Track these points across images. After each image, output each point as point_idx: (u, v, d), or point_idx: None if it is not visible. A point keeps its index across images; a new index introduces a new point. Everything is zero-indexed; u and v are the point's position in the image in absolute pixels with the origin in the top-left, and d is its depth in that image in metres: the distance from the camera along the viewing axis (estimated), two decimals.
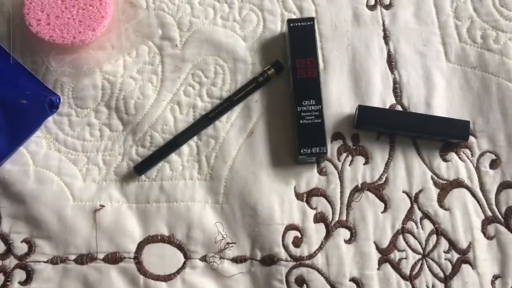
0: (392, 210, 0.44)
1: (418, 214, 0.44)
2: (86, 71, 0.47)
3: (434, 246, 0.44)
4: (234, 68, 0.48)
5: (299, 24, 0.46)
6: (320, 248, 0.44)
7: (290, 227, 0.44)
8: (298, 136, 0.44)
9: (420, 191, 0.45)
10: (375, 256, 0.44)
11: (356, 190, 0.45)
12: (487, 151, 0.45)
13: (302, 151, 0.43)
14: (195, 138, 0.46)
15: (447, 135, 0.44)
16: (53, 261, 0.44)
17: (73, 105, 0.47)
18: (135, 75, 0.48)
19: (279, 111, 0.46)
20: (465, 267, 0.43)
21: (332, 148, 0.46)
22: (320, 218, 0.44)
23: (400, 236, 0.44)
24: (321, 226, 0.44)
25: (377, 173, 0.45)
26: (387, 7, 0.49)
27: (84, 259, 0.44)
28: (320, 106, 0.44)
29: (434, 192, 0.45)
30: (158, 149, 0.46)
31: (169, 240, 0.44)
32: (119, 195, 0.45)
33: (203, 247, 0.44)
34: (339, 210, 0.45)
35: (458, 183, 0.45)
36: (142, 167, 0.45)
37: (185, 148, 0.46)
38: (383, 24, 0.48)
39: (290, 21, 0.46)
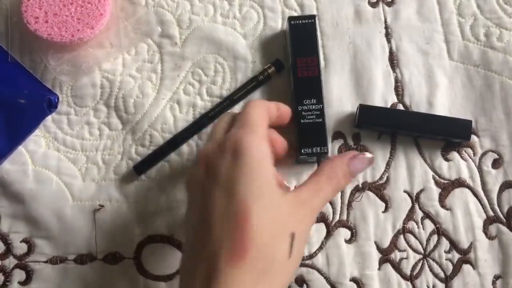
0: (393, 210, 0.44)
1: (419, 214, 0.44)
2: (85, 69, 0.47)
3: (435, 246, 0.44)
4: (234, 67, 0.47)
5: (300, 21, 0.45)
6: (321, 248, 0.44)
7: None
8: (299, 135, 0.43)
9: (422, 190, 0.44)
10: (375, 256, 0.44)
11: (357, 189, 0.45)
12: (489, 150, 0.45)
13: (302, 151, 0.43)
14: (195, 137, 0.46)
15: (449, 134, 0.44)
16: (53, 261, 0.44)
17: (72, 103, 0.47)
18: (134, 74, 0.47)
19: None
20: (466, 267, 0.43)
21: (332, 147, 0.45)
22: (320, 218, 0.44)
23: (401, 236, 0.44)
24: (322, 226, 0.44)
25: (378, 172, 0.45)
26: (389, 4, 0.48)
27: (84, 259, 0.44)
28: (321, 105, 0.44)
29: (435, 191, 0.44)
30: (157, 149, 0.45)
31: (169, 240, 0.44)
32: (118, 194, 0.45)
33: None
34: (340, 210, 0.44)
35: (459, 183, 0.45)
36: (141, 166, 0.45)
37: (185, 148, 0.46)
38: (385, 22, 0.48)
39: (291, 18, 0.45)
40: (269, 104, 0.39)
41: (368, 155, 0.39)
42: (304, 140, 0.43)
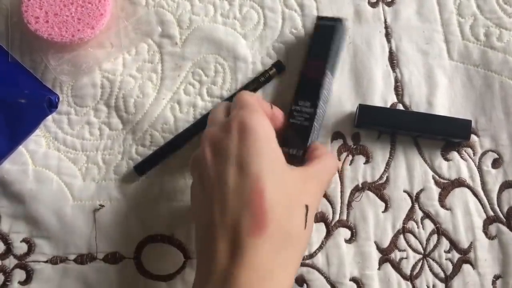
0: (392, 209, 0.44)
1: (419, 214, 0.44)
2: (85, 69, 0.47)
3: (435, 246, 0.44)
4: (235, 67, 0.47)
5: (325, 23, 0.44)
6: (320, 247, 0.44)
7: None
8: (283, 133, 0.42)
9: (421, 190, 0.45)
10: (375, 256, 0.44)
11: (357, 189, 0.45)
12: (489, 150, 0.45)
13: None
14: (195, 137, 0.46)
15: (448, 134, 0.44)
16: (53, 261, 0.44)
17: (72, 103, 0.47)
18: (135, 74, 0.47)
19: None
20: (466, 267, 0.43)
21: (332, 147, 0.45)
22: (320, 217, 0.44)
23: (401, 236, 0.44)
24: (321, 225, 0.44)
25: (378, 172, 0.45)
26: (389, 4, 0.48)
27: (84, 259, 0.44)
28: (313, 109, 0.42)
29: (435, 191, 0.44)
30: (158, 149, 0.45)
31: (169, 239, 0.44)
32: (118, 194, 0.45)
33: None
34: (340, 210, 0.44)
35: (459, 183, 0.45)
36: (142, 167, 0.45)
37: (185, 148, 0.46)
38: (385, 22, 0.48)
39: (319, 18, 0.45)
40: (260, 98, 0.41)
41: None
42: (286, 139, 0.41)
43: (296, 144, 0.41)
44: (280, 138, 0.39)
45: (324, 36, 0.44)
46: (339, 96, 0.46)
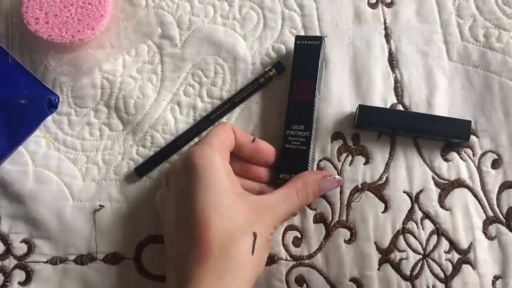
0: (392, 210, 0.44)
1: (418, 214, 0.44)
2: (85, 70, 0.47)
3: (435, 247, 0.44)
4: (234, 68, 0.47)
5: (306, 42, 0.44)
6: (320, 248, 0.44)
7: (290, 227, 0.44)
8: (280, 159, 0.43)
9: (421, 191, 0.44)
10: (375, 256, 0.44)
11: (356, 190, 0.45)
12: (489, 150, 0.45)
13: (281, 175, 0.43)
14: (196, 139, 0.46)
15: (448, 135, 0.44)
16: (53, 261, 0.44)
17: (72, 104, 0.47)
18: (135, 75, 0.47)
19: (279, 112, 0.46)
20: (466, 268, 0.43)
21: (332, 148, 0.45)
22: (320, 218, 0.44)
23: (401, 236, 0.44)
24: (321, 226, 0.44)
25: (378, 173, 0.45)
26: (389, 5, 0.48)
27: (84, 259, 0.44)
28: (308, 132, 0.43)
29: (435, 192, 0.44)
30: (159, 150, 0.46)
31: None
32: (119, 195, 0.45)
33: None
34: (339, 210, 0.44)
35: (459, 183, 0.45)
36: (143, 168, 0.45)
37: (186, 149, 0.46)
38: (385, 23, 0.48)
39: (298, 38, 0.45)
40: (238, 129, 0.41)
41: (337, 177, 0.43)
42: (285, 165, 0.43)
43: (297, 170, 0.42)
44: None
45: (308, 56, 0.44)
46: (339, 96, 0.46)
